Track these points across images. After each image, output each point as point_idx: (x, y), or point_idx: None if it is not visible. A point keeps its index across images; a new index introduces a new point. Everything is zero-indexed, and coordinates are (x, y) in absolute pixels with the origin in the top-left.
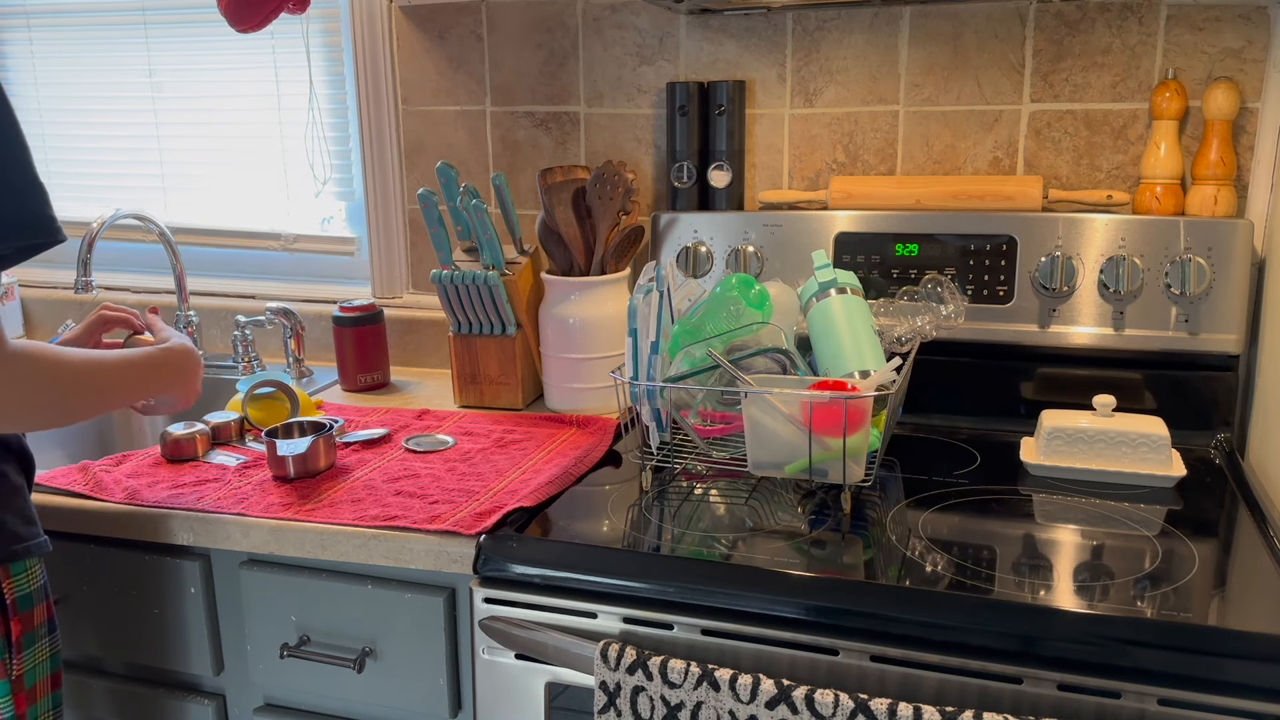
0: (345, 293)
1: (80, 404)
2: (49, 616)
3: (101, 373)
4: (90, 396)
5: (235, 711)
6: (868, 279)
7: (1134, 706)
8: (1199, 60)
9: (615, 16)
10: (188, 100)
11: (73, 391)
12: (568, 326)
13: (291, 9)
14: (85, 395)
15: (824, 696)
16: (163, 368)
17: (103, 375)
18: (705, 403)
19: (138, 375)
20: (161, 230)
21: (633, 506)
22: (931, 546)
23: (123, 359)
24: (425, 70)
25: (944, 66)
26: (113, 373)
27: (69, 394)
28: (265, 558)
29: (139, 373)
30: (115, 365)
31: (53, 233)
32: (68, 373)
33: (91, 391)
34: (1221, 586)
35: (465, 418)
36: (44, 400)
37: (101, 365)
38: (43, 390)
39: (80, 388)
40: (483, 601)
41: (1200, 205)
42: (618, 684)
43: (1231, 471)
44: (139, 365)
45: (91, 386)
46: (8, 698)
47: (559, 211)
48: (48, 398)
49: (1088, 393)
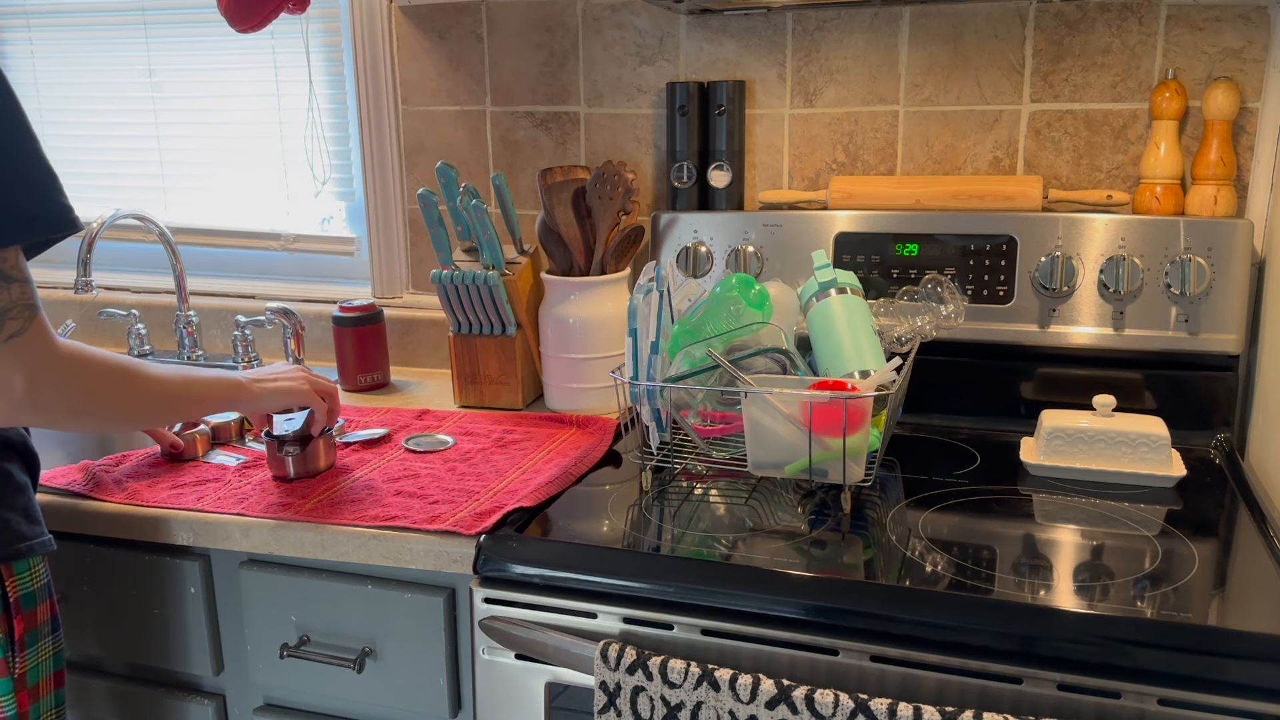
0: (345, 293)
1: (124, 414)
2: (52, 615)
3: (156, 389)
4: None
5: (235, 711)
6: (868, 279)
7: (1134, 706)
8: (1199, 60)
9: (615, 16)
10: (188, 100)
11: (120, 401)
12: (568, 326)
13: (291, 9)
14: (129, 407)
15: (824, 696)
16: (221, 404)
17: (157, 392)
18: (705, 403)
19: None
20: (161, 230)
21: (633, 506)
22: (931, 546)
23: (184, 380)
24: (425, 70)
25: (944, 66)
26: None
27: (116, 403)
28: (265, 558)
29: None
30: (177, 385)
31: (71, 223)
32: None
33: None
34: (1221, 586)
35: (465, 418)
36: (87, 402)
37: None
38: (90, 392)
39: (127, 397)
40: (483, 601)
41: (1200, 205)
42: (618, 684)
43: (1231, 471)
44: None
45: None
46: (10, 696)
47: (559, 211)
48: (92, 400)
49: (1088, 393)
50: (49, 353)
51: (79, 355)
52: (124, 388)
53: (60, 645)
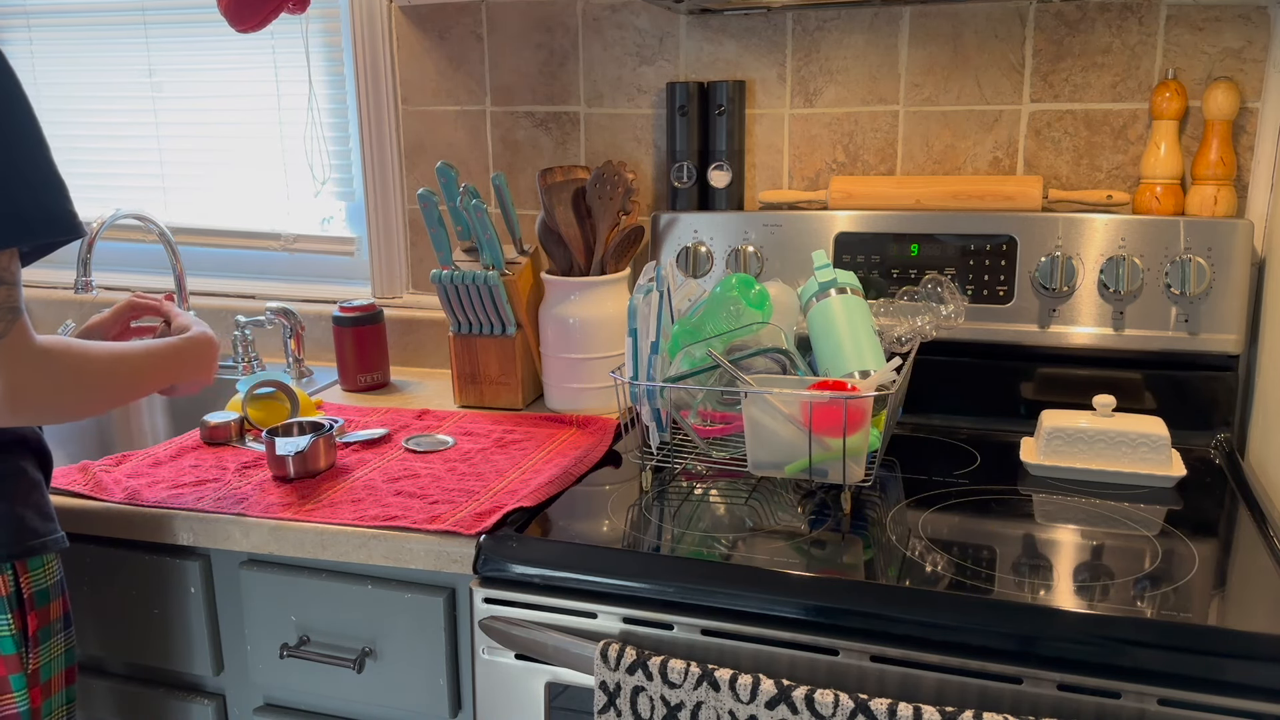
0: (345, 293)
1: (106, 396)
2: (65, 611)
3: (125, 365)
4: (116, 388)
5: (235, 711)
6: (868, 279)
7: (1134, 706)
8: (1199, 60)
9: (615, 16)
10: (188, 100)
11: (99, 384)
12: (568, 326)
13: (291, 9)
14: (111, 387)
15: (824, 696)
16: (185, 356)
17: (127, 367)
18: (705, 403)
19: (161, 365)
20: (161, 230)
21: (633, 506)
22: (931, 546)
23: (146, 350)
24: (425, 70)
25: (944, 66)
26: (136, 364)
27: (96, 387)
28: (265, 558)
29: (162, 363)
30: (139, 356)
31: (73, 229)
32: (95, 366)
33: (117, 383)
34: (1221, 586)
35: (465, 418)
36: (72, 393)
37: (125, 357)
38: (71, 384)
39: (106, 380)
40: (483, 601)
41: (1200, 205)
42: (618, 684)
43: (1231, 471)
44: (162, 355)
45: (117, 379)
46: (23, 691)
47: (559, 211)
48: (76, 391)
49: (1088, 393)
50: (30, 354)
51: (55, 353)
52: (97, 378)
53: (72, 642)
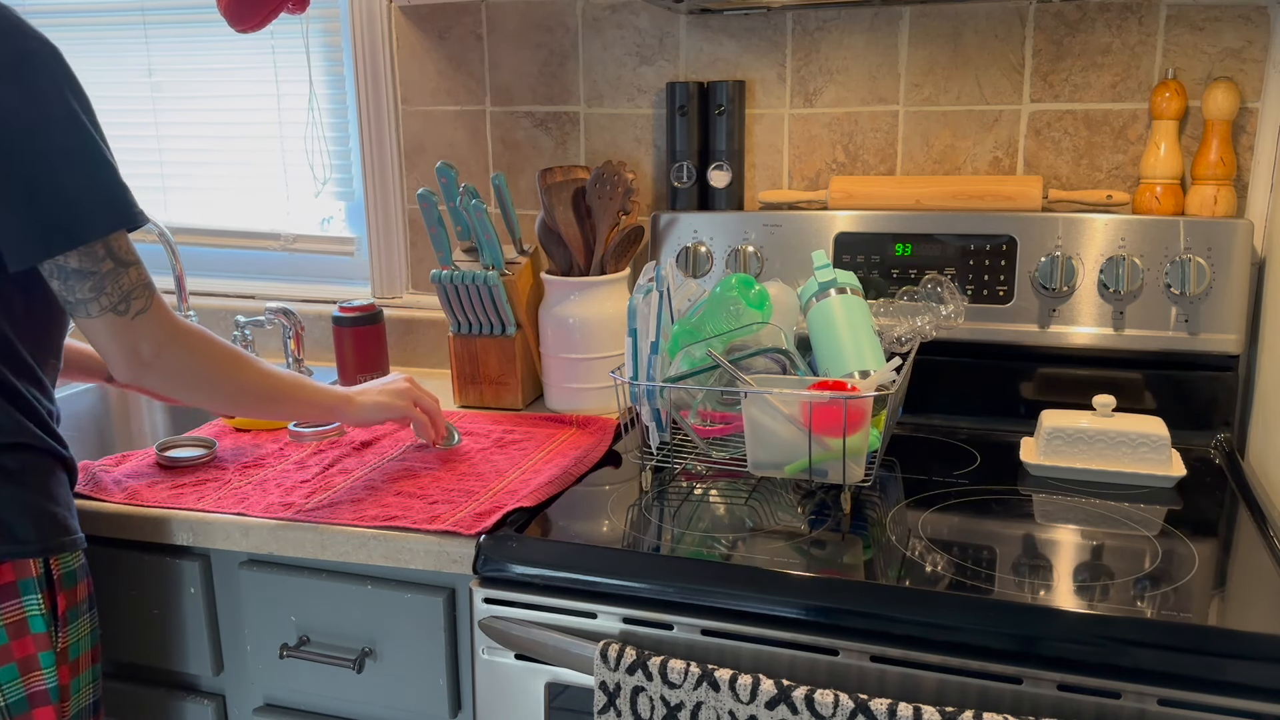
0: (345, 293)
1: (233, 395)
2: (90, 592)
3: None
4: (246, 396)
5: (235, 711)
6: (868, 279)
7: (1134, 706)
8: (1199, 60)
9: (615, 16)
10: (188, 100)
11: (230, 379)
12: (568, 326)
13: (291, 9)
14: (242, 393)
15: (824, 697)
16: (324, 411)
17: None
18: (705, 403)
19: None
20: (161, 230)
21: (633, 506)
22: (931, 546)
23: (297, 383)
24: (425, 70)
25: (944, 66)
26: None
27: (226, 380)
28: (265, 558)
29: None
30: (289, 386)
31: (133, 217)
32: (231, 362)
33: (248, 391)
34: (1221, 586)
35: (465, 418)
36: (205, 373)
37: (271, 377)
38: (206, 365)
39: (237, 380)
40: (482, 602)
41: (1200, 205)
42: (618, 684)
43: (1231, 471)
44: (310, 401)
45: (247, 385)
46: (52, 669)
47: (559, 211)
48: (209, 373)
49: (1088, 393)
50: (174, 326)
51: (199, 333)
52: (238, 371)
53: (96, 622)
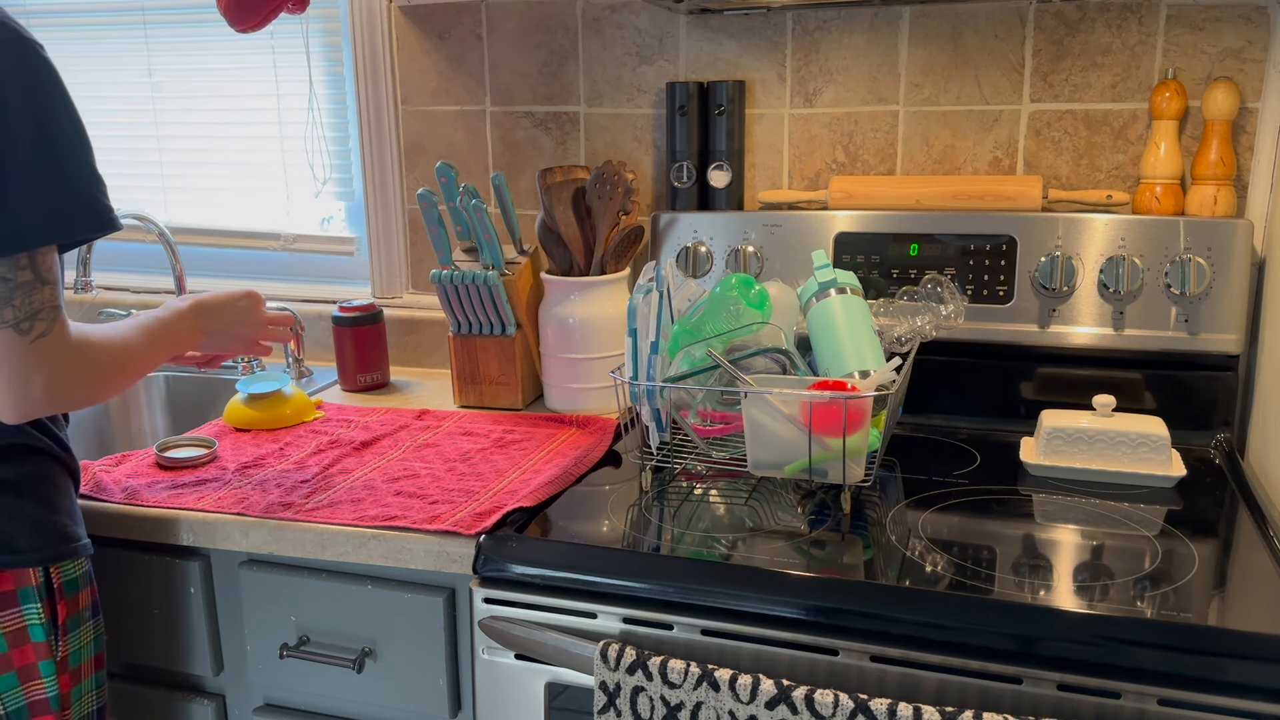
0: (345, 293)
1: (123, 381)
2: (93, 600)
3: (129, 349)
4: (129, 373)
5: (235, 711)
6: (868, 279)
7: (1134, 706)
8: (1199, 60)
9: (615, 16)
10: (188, 100)
11: (117, 370)
12: (567, 326)
13: (291, 9)
14: (125, 372)
15: (824, 697)
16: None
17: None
18: (705, 403)
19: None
20: (161, 230)
21: (633, 506)
22: (931, 546)
23: (138, 328)
24: (425, 70)
25: (944, 66)
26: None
27: (115, 373)
28: (265, 558)
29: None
30: (134, 337)
31: (109, 223)
32: (111, 354)
33: (129, 367)
34: (1221, 586)
35: (465, 418)
36: (99, 382)
37: (127, 342)
38: (98, 373)
39: (121, 366)
40: (482, 602)
41: (1200, 205)
42: (617, 684)
43: (1231, 471)
44: (157, 337)
45: (129, 363)
46: (53, 677)
47: (559, 211)
48: (102, 380)
49: (1088, 393)
50: (68, 350)
51: (84, 346)
52: (117, 374)
53: (100, 629)
